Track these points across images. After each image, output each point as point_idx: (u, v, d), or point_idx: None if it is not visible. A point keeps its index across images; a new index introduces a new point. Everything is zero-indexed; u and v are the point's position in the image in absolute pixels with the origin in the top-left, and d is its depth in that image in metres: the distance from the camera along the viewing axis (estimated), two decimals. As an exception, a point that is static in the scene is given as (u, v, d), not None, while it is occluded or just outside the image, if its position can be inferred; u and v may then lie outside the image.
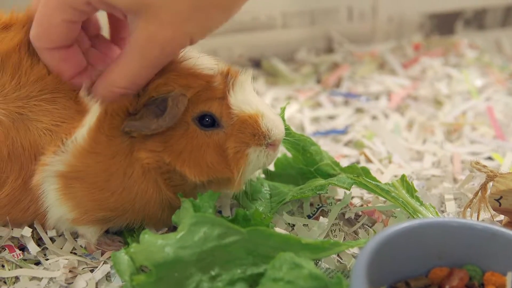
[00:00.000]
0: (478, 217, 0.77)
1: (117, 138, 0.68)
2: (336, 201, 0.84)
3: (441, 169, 0.95)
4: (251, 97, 0.71)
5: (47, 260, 0.73)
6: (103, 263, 0.73)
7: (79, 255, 0.75)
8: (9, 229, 0.75)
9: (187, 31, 0.65)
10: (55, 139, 0.67)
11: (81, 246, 0.76)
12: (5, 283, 0.71)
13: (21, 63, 0.68)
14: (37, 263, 0.74)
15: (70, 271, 0.72)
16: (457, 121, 1.12)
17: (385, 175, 0.92)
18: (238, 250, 0.63)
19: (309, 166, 0.84)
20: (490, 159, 0.99)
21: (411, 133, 1.08)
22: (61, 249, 0.75)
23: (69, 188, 0.69)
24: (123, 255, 0.64)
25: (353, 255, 0.74)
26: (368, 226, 0.80)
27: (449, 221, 0.65)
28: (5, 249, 0.74)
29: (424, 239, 0.63)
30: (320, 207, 0.83)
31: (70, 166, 0.68)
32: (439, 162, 0.97)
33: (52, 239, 0.76)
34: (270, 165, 0.77)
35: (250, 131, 0.70)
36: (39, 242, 0.76)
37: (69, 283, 0.71)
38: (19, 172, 0.69)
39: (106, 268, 0.72)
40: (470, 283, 0.63)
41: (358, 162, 0.98)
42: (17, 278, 0.71)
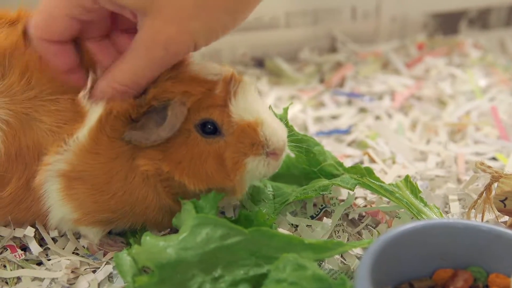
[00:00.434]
0: (482, 218, 0.77)
1: (118, 140, 0.67)
2: (339, 201, 0.83)
3: (445, 170, 0.94)
4: (252, 105, 0.69)
5: (49, 260, 0.73)
6: (106, 264, 0.72)
7: (81, 256, 0.74)
8: (11, 229, 0.75)
9: (191, 30, 0.65)
10: (57, 140, 0.67)
11: (83, 246, 0.76)
12: (6, 283, 0.70)
13: (30, 62, 0.68)
14: (39, 264, 0.74)
15: (72, 272, 0.71)
16: (461, 121, 1.11)
17: (388, 175, 0.92)
18: (240, 251, 0.63)
19: (313, 166, 0.83)
20: (494, 159, 0.98)
21: (414, 133, 1.08)
22: (63, 249, 0.75)
23: (72, 189, 0.69)
24: (125, 256, 0.64)
25: (357, 256, 0.73)
26: (372, 227, 0.80)
27: (454, 222, 0.64)
28: (7, 249, 0.74)
29: (428, 240, 0.63)
30: (323, 207, 0.82)
31: (71, 165, 0.67)
32: (443, 162, 0.97)
33: (54, 240, 0.76)
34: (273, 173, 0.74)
35: (248, 140, 0.68)
36: (41, 242, 0.76)
37: (71, 284, 0.70)
38: (23, 172, 0.68)
39: (108, 268, 0.71)
40: (474, 284, 0.63)
41: (361, 162, 0.97)
42: (19, 278, 0.71)
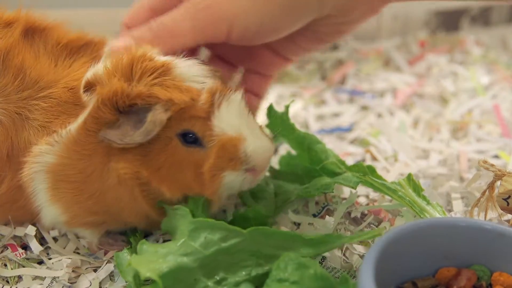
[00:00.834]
0: (485, 217, 0.77)
1: (94, 136, 0.65)
2: (341, 199, 0.83)
3: (448, 168, 0.94)
4: (236, 119, 0.68)
5: (50, 259, 0.73)
6: (107, 263, 0.72)
7: (82, 255, 0.74)
8: (11, 228, 0.74)
9: (232, 8, 0.68)
10: (46, 134, 0.67)
11: (84, 246, 0.76)
12: (7, 282, 0.70)
13: (25, 63, 0.68)
14: (40, 263, 0.73)
15: (73, 271, 0.71)
16: (463, 119, 1.11)
17: (391, 173, 0.92)
18: (240, 252, 0.63)
19: (314, 164, 0.83)
20: (496, 157, 0.98)
21: (416, 131, 1.07)
22: (64, 248, 0.75)
23: (56, 189, 0.68)
24: (126, 256, 0.64)
25: (359, 255, 0.73)
26: (374, 225, 0.79)
27: (457, 220, 0.64)
28: (8, 248, 0.74)
29: (431, 238, 0.63)
30: (325, 205, 0.82)
31: (57, 160, 0.66)
32: (445, 160, 0.97)
33: (55, 239, 0.76)
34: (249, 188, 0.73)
35: (227, 155, 0.67)
36: (42, 241, 0.75)
37: (72, 283, 0.70)
38: (16, 171, 0.68)
39: (109, 267, 0.71)
40: (477, 283, 0.63)
41: (363, 160, 0.97)
42: (19, 277, 0.71)
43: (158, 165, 0.66)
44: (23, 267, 0.72)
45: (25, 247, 0.75)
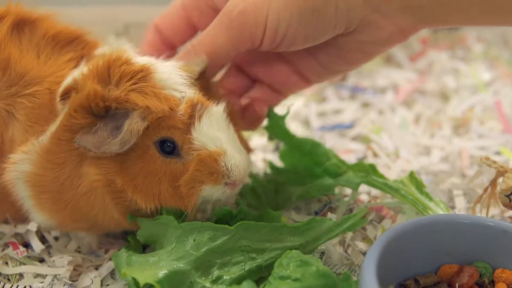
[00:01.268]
0: (487, 213, 0.76)
1: (69, 142, 0.63)
2: (343, 197, 0.83)
3: (449, 164, 0.94)
4: (216, 132, 0.66)
5: (51, 257, 0.73)
6: (108, 261, 0.72)
7: (84, 253, 0.74)
8: (12, 226, 0.74)
9: (268, 9, 0.67)
10: (26, 140, 0.66)
11: (85, 244, 0.75)
12: (9, 280, 0.70)
13: (11, 57, 0.67)
14: (41, 261, 0.73)
15: (74, 269, 0.71)
16: (465, 115, 1.11)
17: (392, 170, 0.91)
18: (231, 249, 0.64)
19: (317, 166, 0.83)
20: (498, 153, 0.98)
21: (418, 128, 1.07)
22: (65, 247, 0.75)
23: (38, 199, 0.67)
24: (124, 255, 0.64)
25: (361, 252, 0.73)
26: (376, 222, 0.79)
27: (459, 217, 0.64)
28: (9, 246, 0.74)
29: (433, 235, 0.63)
30: (327, 203, 0.82)
31: (33, 170, 0.65)
32: (447, 157, 0.96)
33: (56, 238, 0.76)
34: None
35: (207, 170, 0.65)
36: (43, 239, 0.75)
37: (74, 281, 0.70)
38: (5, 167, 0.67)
39: (111, 265, 0.71)
40: (480, 280, 0.63)
41: (365, 156, 0.97)
42: (21, 275, 0.71)
43: (133, 174, 0.64)
44: (24, 265, 0.72)
45: (26, 245, 0.75)
